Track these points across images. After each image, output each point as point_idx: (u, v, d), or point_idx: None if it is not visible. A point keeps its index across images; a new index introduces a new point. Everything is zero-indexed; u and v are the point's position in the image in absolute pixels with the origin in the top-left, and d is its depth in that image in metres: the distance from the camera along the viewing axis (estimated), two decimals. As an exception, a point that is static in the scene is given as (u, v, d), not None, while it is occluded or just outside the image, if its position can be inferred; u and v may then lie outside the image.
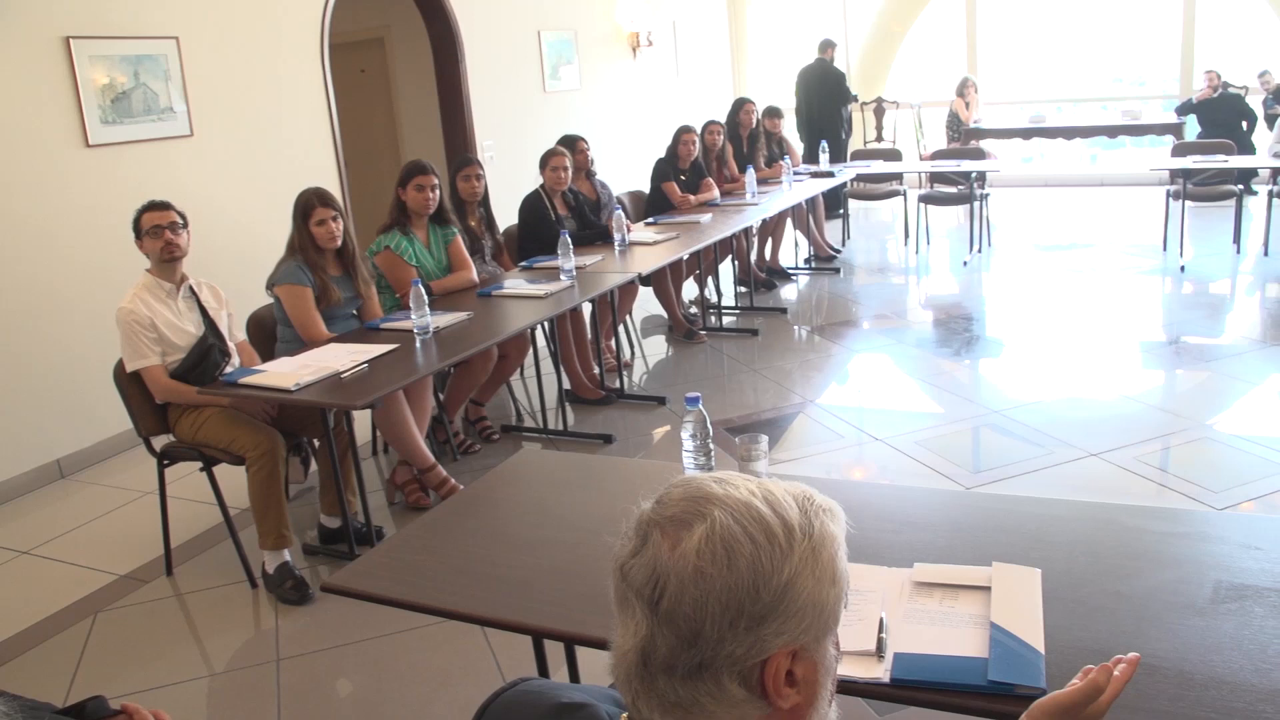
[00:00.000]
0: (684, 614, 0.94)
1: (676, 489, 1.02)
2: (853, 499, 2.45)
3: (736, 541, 0.95)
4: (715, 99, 10.80)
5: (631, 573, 0.98)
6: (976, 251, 8.67)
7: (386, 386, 3.64)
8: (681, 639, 0.95)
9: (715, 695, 0.96)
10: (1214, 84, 10.14)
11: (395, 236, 4.75)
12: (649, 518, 1.00)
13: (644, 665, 0.97)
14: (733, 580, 0.94)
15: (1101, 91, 12.44)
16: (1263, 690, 1.53)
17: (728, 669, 0.95)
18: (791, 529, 0.98)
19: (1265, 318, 6.66)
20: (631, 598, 0.98)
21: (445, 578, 2.12)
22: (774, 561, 0.96)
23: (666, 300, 6.60)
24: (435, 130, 8.02)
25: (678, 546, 0.96)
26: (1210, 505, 3.91)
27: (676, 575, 0.95)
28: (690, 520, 0.97)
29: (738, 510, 0.97)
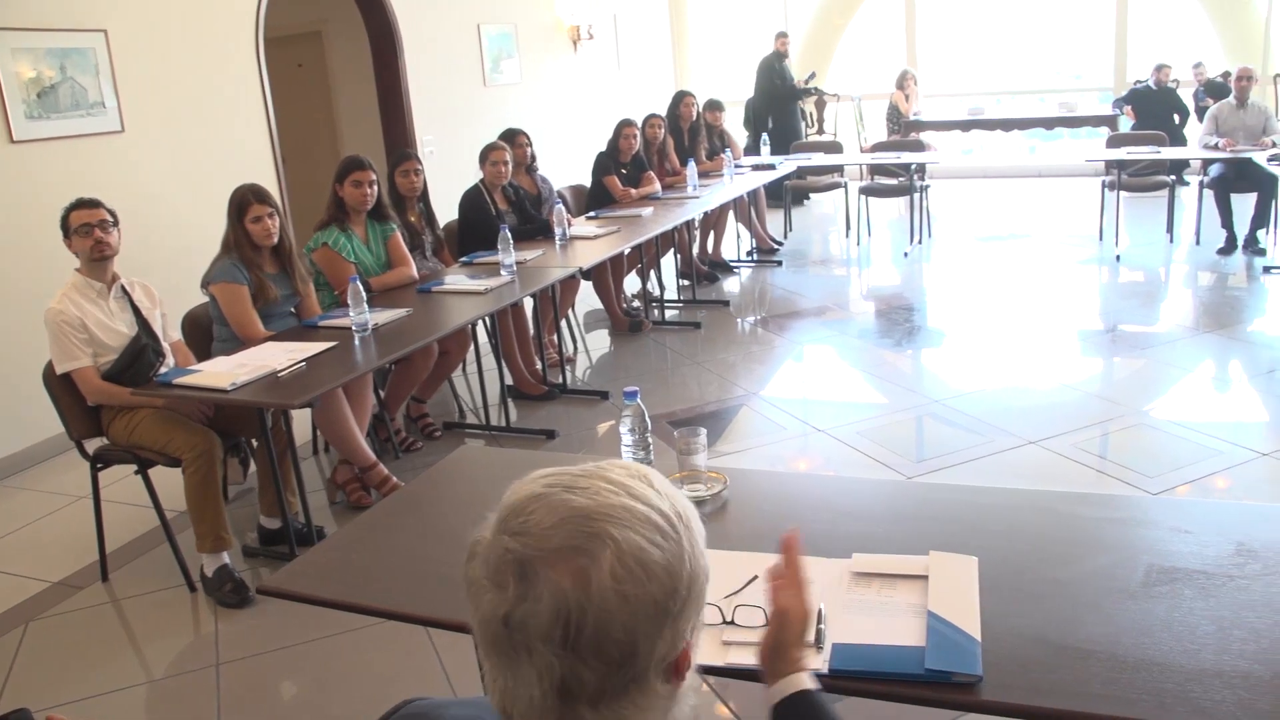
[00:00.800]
0: (614, 640, 0.91)
1: (536, 512, 0.95)
2: (792, 491, 2.48)
3: (644, 552, 0.93)
4: (657, 92, 10.79)
5: (528, 620, 0.90)
6: (917, 243, 8.76)
7: (325, 385, 3.59)
8: (613, 664, 0.92)
9: (642, 703, 0.95)
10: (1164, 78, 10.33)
11: (333, 233, 4.69)
12: (521, 555, 0.92)
13: (564, 703, 0.93)
14: (654, 590, 0.92)
15: (1039, 84, 12.61)
16: (1191, 670, 1.56)
17: (654, 671, 0.95)
18: (669, 517, 0.97)
19: (1198, 306, 6.79)
20: (530, 644, 0.91)
21: (386, 577, 2.10)
22: (678, 557, 0.95)
23: (605, 295, 6.59)
24: (375, 125, 7.94)
25: (589, 579, 0.90)
26: (1146, 490, 3.98)
27: (597, 606, 0.90)
28: (587, 546, 0.92)
29: (627, 520, 0.94)
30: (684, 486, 2.27)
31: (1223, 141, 7.82)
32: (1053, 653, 1.63)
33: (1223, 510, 2.23)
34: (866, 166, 9.38)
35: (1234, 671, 1.54)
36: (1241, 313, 6.37)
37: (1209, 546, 1.92)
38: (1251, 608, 1.71)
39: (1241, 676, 1.53)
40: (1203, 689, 1.51)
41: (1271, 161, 7.14)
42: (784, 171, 8.63)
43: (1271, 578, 1.80)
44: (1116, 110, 10.58)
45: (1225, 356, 5.60)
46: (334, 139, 8.76)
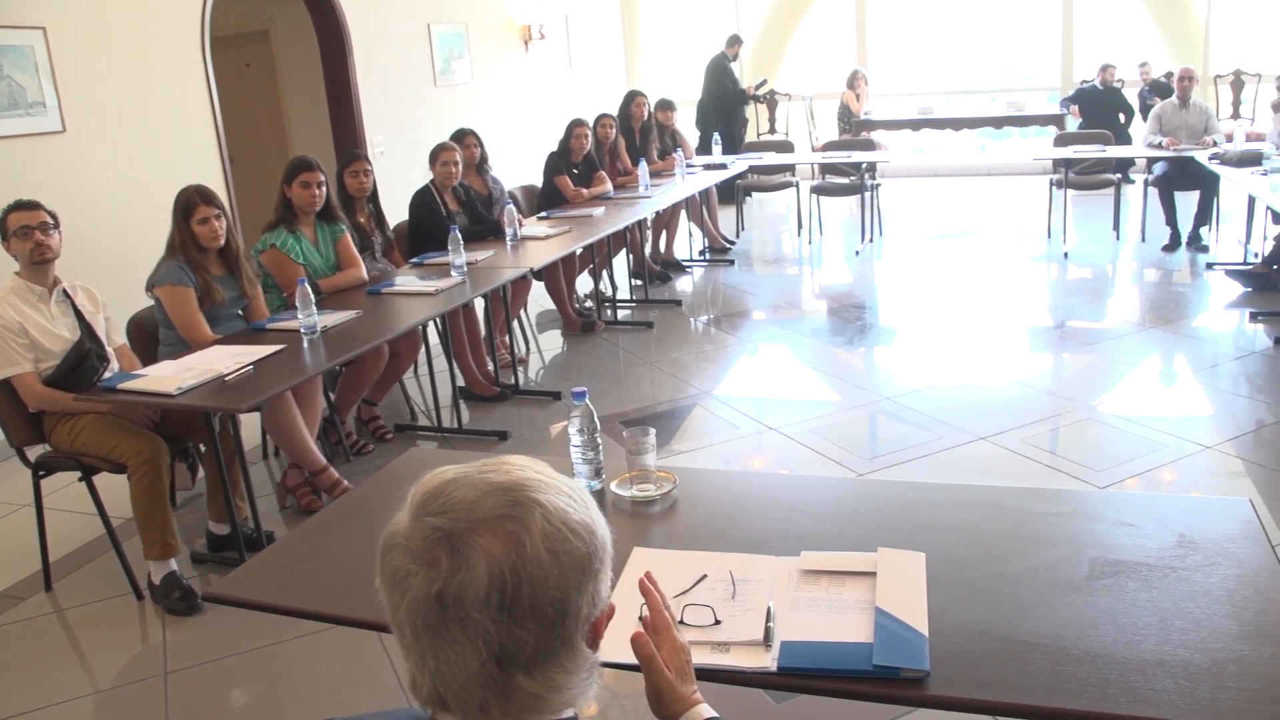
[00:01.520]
0: (549, 599, 0.96)
1: (457, 491, 0.99)
2: (742, 489, 2.49)
3: (567, 513, 0.99)
4: (608, 92, 10.78)
5: (464, 590, 0.94)
6: (868, 241, 8.82)
7: (273, 388, 3.56)
8: (548, 624, 0.96)
9: (569, 666, 1.00)
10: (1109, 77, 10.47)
11: (281, 234, 4.65)
12: (449, 529, 0.96)
13: (502, 672, 0.96)
14: (580, 546, 0.98)
15: (988, 83, 12.73)
16: (1133, 661, 1.58)
17: (580, 632, 1.00)
18: (572, 486, 1.04)
19: (1144, 302, 6.89)
20: (466, 615, 0.94)
21: (335, 581, 2.08)
22: (591, 518, 1.02)
23: (557, 295, 6.58)
24: (324, 126, 7.87)
25: (521, 541, 0.95)
26: (1094, 484, 4.03)
27: (532, 567, 0.95)
28: (514, 513, 0.97)
29: (546, 487, 1.00)
30: (634, 486, 2.27)
31: (1166, 140, 7.94)
32: (999, 647, 1.65)
33: (1165, 503, 2.27)
34: (818, 165, 9.42)
35: (1174, 661, 1.57)
36: (1186, 308, 6.47)
37: (1152, 539, 1.95)
38: (1192, 598, 1.74)
39: (1181, 665, 1.56)
40: (1144, 679, 1.54)
41: (1213, 160, 7.26)
42: (735, 171, 8.67)
43: (1211, 568, 1.83)
44: (1063, 110, 10.72)
45: (1170, 351, 5.69)
46: (283, 139, 8.67)
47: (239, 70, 8.52)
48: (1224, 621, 1.67)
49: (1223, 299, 6.63)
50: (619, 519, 2.23)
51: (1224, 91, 10.98)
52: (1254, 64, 10.78)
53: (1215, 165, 7.16)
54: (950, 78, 12.89)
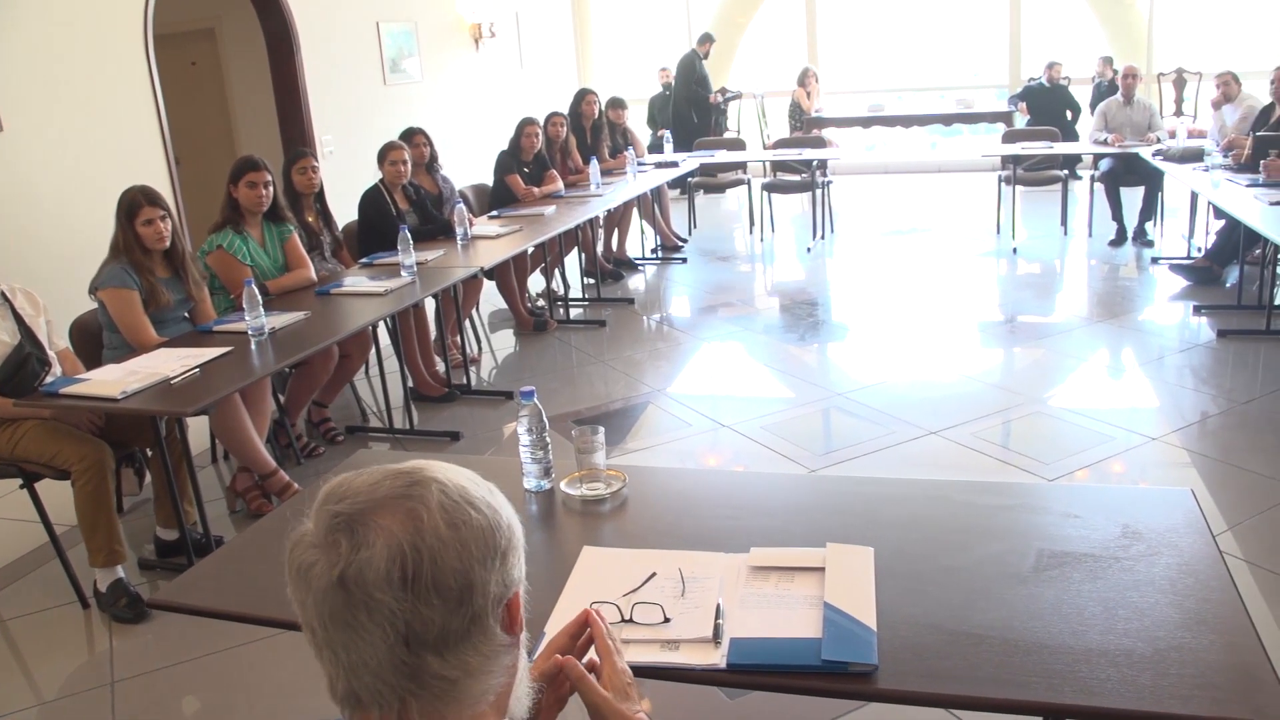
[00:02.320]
0: (451, 571, 0.94)
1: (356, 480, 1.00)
2: (691, 487, 2.49)
3: (466, 490, 0.99)
4: (559, 90, 10.75)
5: (365, 570, 0.93)
6: (820, 238, 8.87)
7: (220, 391, 3.52)
8: (453, 599, 0.95)
9: (483, 649, 0.98)
10: (1055, 75, 10.61)
11: (228, 235, 4.59)
12: (349, 512, 0.96)
13: (412, 654, 0.95)
14: (481, 521, 0.97)
15: (937, 81, 12.84)
16: (1079, 651, 1.60)
17: (492, 614, 0.98)
18: (475, 478, 1.03)
19: (1091, 296, 6.99)
20: (370, 597, 0.93)
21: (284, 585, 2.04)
22: (494, 501, 1.01)
23: (509, 294, 6.55)
24: (272, 125, 7.77)
25: (419, 516, 0.95)
26: (1043, 477, 4.08)
27: (431, 540, 0.94)
28: (411, 491, 0.97)
29: (443, 469, 1.01)
30: (583, 485, 2.26)
31: (1111, 137, 8.05)
32: (947, 639, 1.66)
33: (1109, 495, 2.29)
34: (769, 163, 9.46)
35: (1118, 650, 1.59)
36: (1132, 302, 6.57)
37: (1097, 530, 1.97)
38: (1135, 587, 1.76)
39: (1125, 654, 1.58)
40: (1089, 668, 1.55)
41: (1156, 156, 7.37)
42: (687, 169, 8.68)
43: (1154, 558, 1.85)
44: (1012, 107, 10.85)
45: (1117, 345, 5.77)
46: (230, 139, 8.56)
47: (184, 69, 8.40)
48: (1166, 610, 1.69)
49: (1167, 293, 6.73)
50: (568, 518, 2.22)
51: (1167, 89, 11.15)
52: (1195, 63, 10.95)
53: (1159, 161, 7.27)
54: (900, 75, 13.00)
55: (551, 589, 1.86)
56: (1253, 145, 6.45)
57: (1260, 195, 5.64)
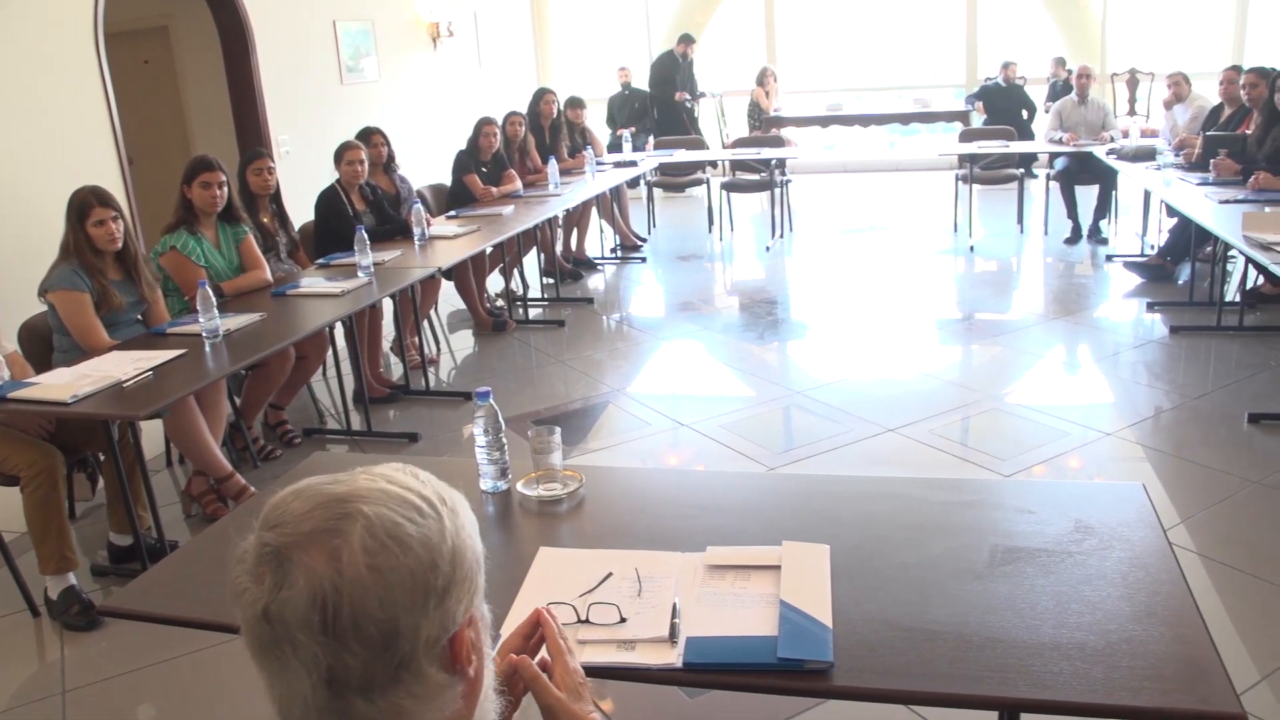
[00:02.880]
0: (372, 618, 0.89)
1: (293, 504, 0.94)
2: (648, 486, 2.49)
3: (397, 526, 0.92)
4: (518, 90, 10.72)
5: (285, 609, 0.88)
6: (779, 237, 8.90)
7: (174, 394, 3.47)
8: (375, 646, 0.89)
9: (417, 692, 0.93)
10: (1011, 74, 10.71)
11: (181, 236, 4.53)
12: (277, 545, 0.91)
13: (336, 697, 0.90)
14: (411, 563, 0.91)
15: (896, 80, 12.91)
16: (1032, 645, 1.61)
17: (426, 657, 0.93)
18: (429, 499, 0.96)
19: (1048, 293, 7.06)
20: (292, 636, 0.88)
21: (236, 591, 2.03)
22: (437, 533, 0.94)
23: (467, 294, 6.52)
24: (227, 125, 7.69)
25: (339, 556, 0.89)
26: (1000, 473, 4.12)
27: (351, 584, 0.88)
28: (338, 526, 0.91)
29: (379, 498, 0.93)
30: (540, 486, 2.25)
31: (1066, 136, 8.14)
32: (902, 636, 1.67)
33: (1063, 490, 2.31)
34: (728, 162, 9.48)
35: (1070, 643, 1.60)
36: (1087, 299, 6.65)
37: (1050, 525, 1.99)
38: (1088, 581, 1.78)
39: (1077, 647, 1.59)
40: (1042, 662, 1.57)
41: (1110, 155, 7.45)
42: (646, 168, 8.69)
43: (1106, 552, 1.87)
44: (969, 106, 10.93)
45: (1073, 341, 5.84)
46: (185, 139, 8.46)
47: (137, 67, 8.30)
48: (1118, 603, 1.71)
49: (1121, 290, 6.81)
50: (525, 519, 2.21)
51: (1120, 89, 11.28)
52: (1148, 63, 11.10)
53: (1113, 160, 7.36)
54: (859, 75, 13.06)
55: (508, 590, 1.85)
56: (1203, 145, 6.55)
57: (1210, 194, 5.73)
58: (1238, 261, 6.56)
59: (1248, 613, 3.09)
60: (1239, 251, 4.91)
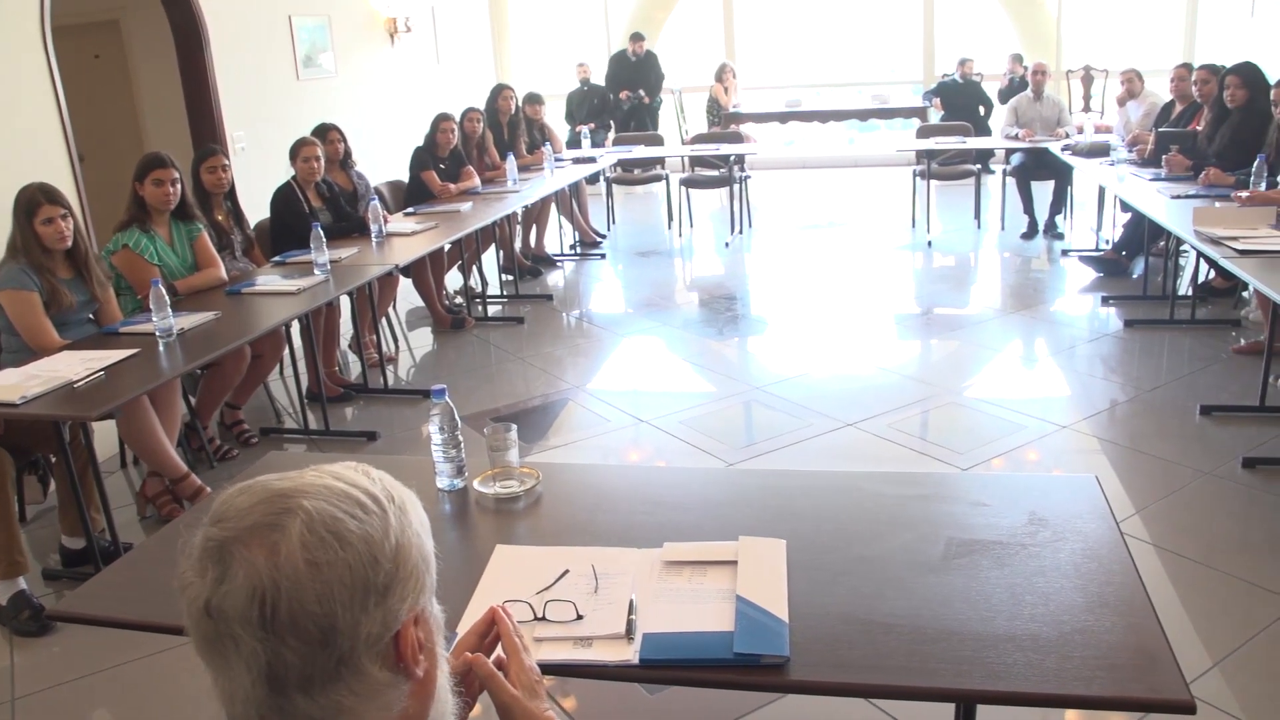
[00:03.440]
0: (309, 614, 0.89)
1: (239, 499, 0.94)
2: (605, 483, 2.48)
3: (337, 521, 0.92)
4: (476, 86, 10.68)
5: (225, 603, 0.89)
6: (738, 233, 8.91)
7: (126, 394, 3.42)
8: (314, 642, 0.89)
9: (358, 689, 0.93)
10: (968, 71, 10.80)
11: (134, 234, 4.47)
12: (220, 539, 0.91)
13: (276, 694, 0.90)
14: (351, 558, 0.91)
15: (854, 76, 12.97)
16: (987, 637, 1.62)
17: (367, 654, 0.92)
18: (376, 497, 0.96)
19: (1005, 288, 7.12)
20: (233, 631, 0.89)
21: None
22: (379, 529, 0.94)
23: (425, 291, 6.48)
24: (181, 121, 7.60)
25: (278, 550, 0.89)
26: (957, 466, 4.15)
27: (288, 579, 0.88)
28: (278, 521, 0.91)
29: (322, 493, 0.94)
30: (496, 484, 2.24)
31: (1022, 132, 8.22)
32: (858, 629, 1.67)
33: (1017, 482, 2.34)
34: (687, 158, 9.49)
35: (1024, 635, 1.61)
36: (1044, 293, 6.71)
37: (1004, 517, 2.00)
38: (1041, 573, 1.79)
39: (1031, 638, 1.60)
40: (996, 654, 1.58)
41: (1065, 151, 7.53)
42: (605, 164, 8.68)
43: (1060, 544, 1.89)
44: (926, 103, 11.01)
45: (1030, 335, 5.90)
46: (137, 135, 8.36)
47: (87, 62, 8.18)
48: (1070, 594, 1.72)
49: (1077, 284, 6.89)
50: (482, 517, 2.20)
51: (1076, 86, 11.39)
52: (1103, 60, 11.22)
53: (1068, 156, 7.43)
54: (817, 71, 13.11)
55: (464, 588, 1.84)
56: (1155, 141, 6.63)
57: (1162, 189, 5.80)
58: (1190, 256, 6.66)
59: (1200, 601, 3.13)
60: (1190, 246, 4.98)
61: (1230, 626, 2.97)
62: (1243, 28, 9.67)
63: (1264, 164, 5.28)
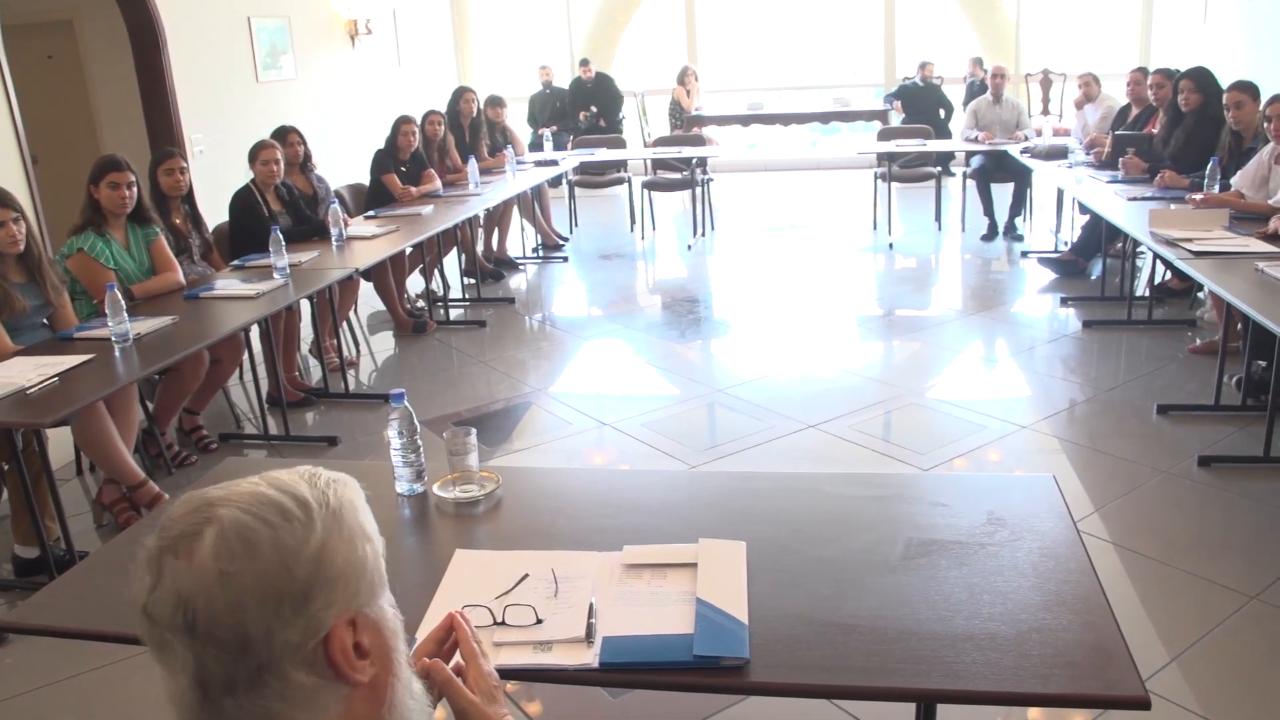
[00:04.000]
0: (223, 623, 0.90)
1: (176, 507, 0.96)
2: (566, 487, 2.47)
3: (250, 530, 0.93)
4: (438, 89, 10.63)
5: (156, 609, 0.91)
6: (700, 235, 8.93)
7: (81, 400, 3.37)
8: (231, 650, 0.91)
9: (285, 694, 0.93)
10: (928, 74, 10.88)
11: (89, 238, 4.41)
12: (156, 547, 0.94)
13: (206, 698, 0.92)
14: (260, 568, 0.92)
15: (816, 79, 13.03)
16: (945, 637, 1.63)
17: (290, 661, 0.93)
18: (305, 502, 0.96)
19: (965, 290, 7.18)
20: (166, 635, 0.92)
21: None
22: (297, 536, 0.94)
23: (387, 295, 6.44)
24: (138, 123, 7.51)
25: (194, 559, 0.91)
26: (919, 467, 4.17)
27: (202, 588, 0.90)
28: (197, 530, 0.93)
29: (244, 502, 0.95)
30: (456, 488, 2.23)
31: (981, 135, 8.28)
32: (817, 630, 1.67)
33: (976, 482, 2.35)
34: (649, 161, 9.49)
35: (982, 633, 1.62)
36: (1004, 295, 6.77)
37: (963, 517, 2.01)
38: (999, 572, 1.80)
39: (989, 637, 1.61)
40: (955, 653, 1.59)
41: (1024, 154, 7.60)
42: (567, 167, 8.68)
43: (1018, 543, 1.90)
44: (887, 105, 11.08)
45: (991, 336, 5.94)
46: (93, 138, 8.24)
47: (40, 63, 8.07)
48: (1028, 593, 1.73)
49: (1037, 285, 6.95)
50: (442, 522, 2.19)
51: (1034, 89, 11.50)
52: (1061, 64, 11.34)
53: (1027, 159, 7.51)
54: (779, 74, 13.16)
55: (424, 593, 1.83)
56: (1112, 144, 6.71)
57: (1119, 191, 5.87)
58: (1147, 257, 6.73)
59: (1158, 598, 3.16)
60: (1147, 247, 5.04)
61: (1187, 622, 3.01)
62: (1196, 33, 9.80)
63: (1217, 167, 5.35)
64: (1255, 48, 8.36)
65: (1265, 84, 5.47)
